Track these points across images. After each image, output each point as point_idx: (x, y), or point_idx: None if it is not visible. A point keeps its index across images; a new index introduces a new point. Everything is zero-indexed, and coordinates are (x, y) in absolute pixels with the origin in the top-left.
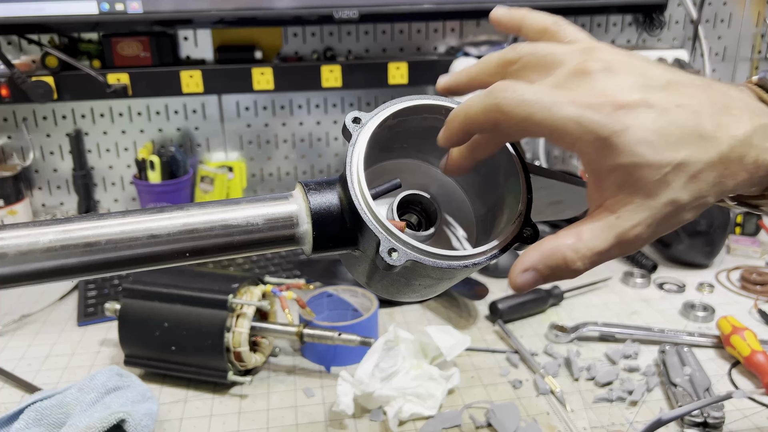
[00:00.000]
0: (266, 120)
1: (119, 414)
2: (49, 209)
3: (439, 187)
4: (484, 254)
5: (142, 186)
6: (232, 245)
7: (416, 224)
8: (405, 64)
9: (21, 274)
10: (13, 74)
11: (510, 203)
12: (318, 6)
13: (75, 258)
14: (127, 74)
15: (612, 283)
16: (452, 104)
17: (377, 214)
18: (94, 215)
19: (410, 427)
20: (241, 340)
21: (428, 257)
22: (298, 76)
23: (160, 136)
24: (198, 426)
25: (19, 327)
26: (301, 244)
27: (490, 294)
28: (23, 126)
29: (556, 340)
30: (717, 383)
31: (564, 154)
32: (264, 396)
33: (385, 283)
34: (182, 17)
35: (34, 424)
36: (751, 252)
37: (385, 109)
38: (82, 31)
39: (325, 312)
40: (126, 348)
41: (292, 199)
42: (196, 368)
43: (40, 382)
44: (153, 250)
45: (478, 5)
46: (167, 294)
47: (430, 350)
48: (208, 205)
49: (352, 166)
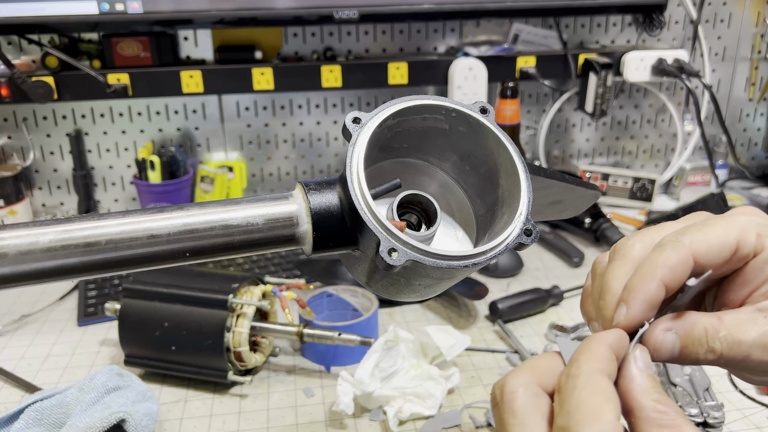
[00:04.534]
0: (266, 120)
1: (119, 414)
2: (50, 209)
3: (439, 187)
4: (484, 254)
5: (142, 186)
6: (232, 245)
7: (416, 224)
8: (405, 64)
9: (21, 274)
10: (13, 74)
11: (510, 203)
12: (318, 6)
13: (75, 258)
14: (127, 74)
15: None
16: (452, 104)
17: (377, 214)
18: (94, 215)
19: (410, 426)
20: (241, 340)
21: (428, 257)
22: (298, 76)
23: (160, 136)
24: (198, 426)
25: (19, 327)
26: (301, 244)
27: (490, 294)
28: (23, 126)
29: (555, 340)
30: (717, 383)
31: (564, 154)
32: (264, 396)
33: (385, 283)
34: (182, 17)
35: (34, 424)
36: None
37: (385, 109)
38: (82, 31)
39: (325, 312)
40: (126, 348)
41: (292, 199)
42: (196, 368)
43: (40, 382)
44: (153, 250)
45: (478, 5)
46: (167, 294)
47: (430, 350)
48: (208, 205)
49: (352, 166)
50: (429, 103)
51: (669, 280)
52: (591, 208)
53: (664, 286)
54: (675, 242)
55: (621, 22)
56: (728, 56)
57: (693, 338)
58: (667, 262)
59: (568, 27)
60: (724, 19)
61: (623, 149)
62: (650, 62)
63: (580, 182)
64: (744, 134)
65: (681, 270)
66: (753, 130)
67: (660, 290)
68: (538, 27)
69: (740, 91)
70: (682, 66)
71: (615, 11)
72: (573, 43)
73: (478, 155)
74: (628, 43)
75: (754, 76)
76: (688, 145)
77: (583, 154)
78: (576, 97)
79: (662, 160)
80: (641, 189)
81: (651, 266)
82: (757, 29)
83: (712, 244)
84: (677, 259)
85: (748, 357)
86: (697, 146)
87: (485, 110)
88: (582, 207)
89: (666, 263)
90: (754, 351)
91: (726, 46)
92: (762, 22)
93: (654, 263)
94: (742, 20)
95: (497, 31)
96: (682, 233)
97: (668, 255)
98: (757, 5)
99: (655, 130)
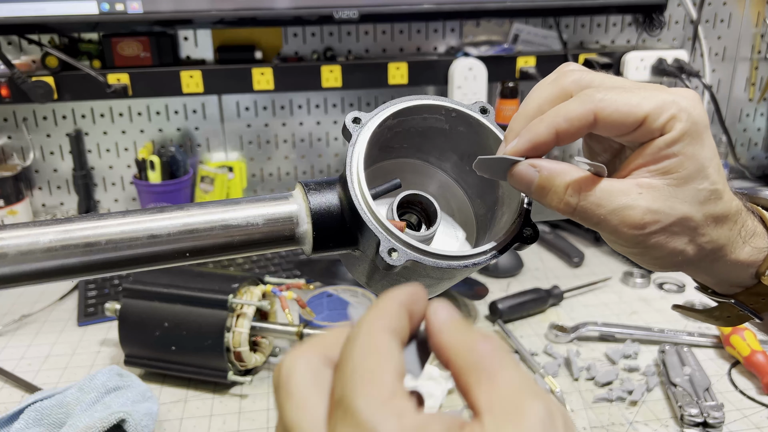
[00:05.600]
0: (266, 120)
1: (119, 414)
2: (50, 209)
3: (439, 187)
4: (484, 254)
5: (142, 186)
6: (232, 245)
7: (416, 224)
8: (405, 64)
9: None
10: (13, 74)
11: (510, 203)
12: (318, 6)
13: (75, 258)
14: (127, 74)
15: (612, 283)
16: (452, 104)
17: (377, 214)
18: (94, 215)
19: None
20: (241, 340)
21: (428, 257)
22: (298, 76)
23: (160, 136)
24: (198, 426)
25: (19, 327)
26: (301, 244)
27: (490, 294)
28: (23, 126)
29: (555, 340)
30: (717, 383)
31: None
32: (264, 396)
33: (385, 283)
34: (182, 17)
35: (34, 424)
36: None
37: (385, 109)
38: (82, 31)
39: (325, 312)
40: (126, 348)
41: (292, 199)
42: (196, 368)
43: (40, 382)
44: (153, 250)
45: (478, 5)
46: (167, 294)
47: None
48: (208, 205)
49: (352, 166)
50: (429, 103)
51: (563, 130)
52: None
53: (555, 133)
54: (586, 96)
55: (621, 22)
56: (728, 56)
57: (551, 184)
58: (568, 114)
59: (568, 27)
60: (724, 19)
61: None
62: (650, 62)
63: None
64: (744, 134)
65: (578, 124)
66: (753, 130)
67: (550, 136)
68: (538, 27)
69: (740, 91)
70: (682, 66)
71: (615, 11)
72: (573, 43)
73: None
74: (628, 43)
75: (754, 76)
76: None
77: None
78: None
79: None
80: None
81: (552, 113)
82: (757, 29)
83: (619, 111)
84: (578, 113)
85: (603, 221)
86: None
87: (485, 110)
88: None
89: (567, 114)
90: (611, 218)
91: (726, 46)
92: (762, 22)
93: (556, 111)
94: (742, 20)
95: (497, 31)
96: (600, 91)
97: (572, 107)
98: (757, 5)
99: None
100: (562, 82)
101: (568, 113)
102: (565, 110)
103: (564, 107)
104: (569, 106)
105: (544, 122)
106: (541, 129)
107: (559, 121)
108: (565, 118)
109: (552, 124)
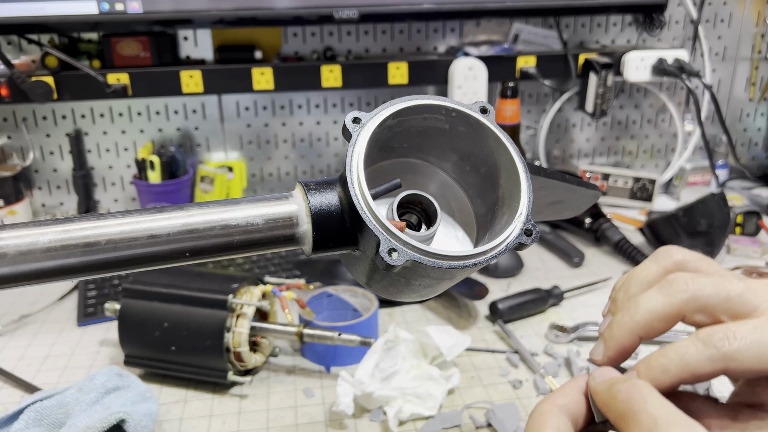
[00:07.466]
0: (266, 120)
1: (119, 414)
2: (49, 209)
3: (439, 187)
4: (484, 254)
5: (142, 186)
6: (232, 245)
7: (416, 224)
8: (405, 64)
9: (21, 274)
10: (13, 74)
11: (510, 203)
12: (318, 6)
13: (75, 258)
14: (127, 74)
15: (612, 283)
16: (452, 104)
17: (377, 214)
18: (94, 215)
19: (410, 427)
20: (241, 340)
21: (428, 257)
22: (298, 76)
23: (160, 136)
24: (198, 426)
25: (18, 327)
26: (301, 244)
27: (490, 294)
28: (23, 126)
29: (556, 340)
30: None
31: (564, 153)
32: (264, 396)
33: (385, 283)
34: (182, 17)
35: (34, 424)
36: (751, 252)
37: (385, 109)
38: (82, 31)
39: (325, 312)
40: (126, 348)
41: (292, 199)
42: (196, 368)
43: (40, 382)
44: (153, 250)
45: (478, 5)
46: (167, 294)
47: (430, 350)
48: (208, 205)
49: (352, 166)
50: (429, 103)
51: (684, 381)
52: (591, 208)
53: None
54: (707, 338)
55: (621, 22)
56: (728, 56)
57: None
58: (689, 366)
59: (569, 27)
60: (725, 18)
61: (623, 149)
62: (650, 62)
63: (581, 182)
64: (744, 134)
65: (703, 377)
66: (753, 130)
67: (670, 388)
68: (538, 27)
69: (740, 91)
70: (683, 66)
71: (615, 11)
72: (573, 42)
73: (479, 155)
74: (629, 43)
75: (754, 76)
76: (689, 145)
77: (583, 154)
78: (576, 97)
79: (662, 160)
80: (641, 189)
81: (675, 359)
82: (758, 29)
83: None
84: (706, 371)
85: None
86: (698, 146)
87: (485, 110)
88: (582, 207)
89: (690, 368)
90: None
91: (726, 46)
92: (762, 21)
93: (679, 358)
94: (743, 20)
95: (497, 31)
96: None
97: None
98: (757, 5)
99: (655, 130)
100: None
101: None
102: (687, 359)
103: (685, 352)
104: (690, 351)
105: (669, 373)
106: (664, 380)
107: (684, 377)
108: (691, 374)
109: (677, 378)
